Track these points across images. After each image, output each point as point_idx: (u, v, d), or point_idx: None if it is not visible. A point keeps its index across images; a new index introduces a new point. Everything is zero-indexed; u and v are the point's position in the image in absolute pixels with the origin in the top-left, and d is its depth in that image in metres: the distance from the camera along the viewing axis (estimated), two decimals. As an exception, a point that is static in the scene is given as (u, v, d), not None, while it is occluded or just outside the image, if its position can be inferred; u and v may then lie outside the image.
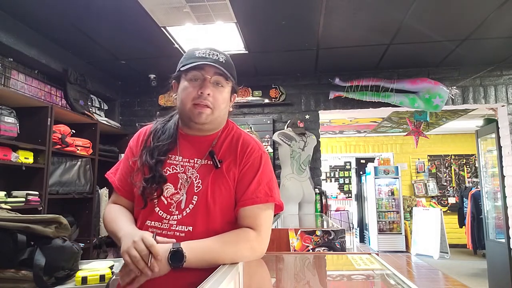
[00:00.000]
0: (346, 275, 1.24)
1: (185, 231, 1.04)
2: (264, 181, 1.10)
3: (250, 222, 1.07)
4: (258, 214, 1.07)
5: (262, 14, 2.84)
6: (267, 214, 1.09)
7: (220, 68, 1.11)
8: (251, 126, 4.07)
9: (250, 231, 1.06)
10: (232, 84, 1.17)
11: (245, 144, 1.13)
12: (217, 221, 1.06)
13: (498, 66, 3.96)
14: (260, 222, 1.07)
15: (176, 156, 1.12)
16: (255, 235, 1.06)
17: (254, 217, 1.07)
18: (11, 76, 3.05)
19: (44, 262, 1.36)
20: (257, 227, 1.07)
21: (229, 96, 1.17)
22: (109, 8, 2.70)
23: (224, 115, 1.17)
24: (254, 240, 1.05)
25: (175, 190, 1.08)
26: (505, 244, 4.03)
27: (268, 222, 1.10)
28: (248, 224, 1.07)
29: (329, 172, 10.53)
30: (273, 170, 1.16)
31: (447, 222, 7.52)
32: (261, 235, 1.07)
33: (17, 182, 2.79)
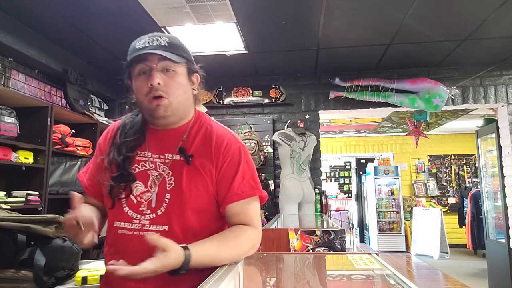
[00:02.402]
0: (346, 275, 1.24)
1: (160, 230, 0.97)
2: (248, 174, 1.06)
3: (241, 218, 1.04)
4: (247, 209, 1.04)
5: (262, 14, 2.85)
6: (255, 207, 1.07)
7: (163, 53, 1.00)
8: (251, 126, 4.07)
9: (248, 228, 1.04)
10: (186, 65, 1.07)
11: (220, 138, 1.06)
12: (194, 219, 1.00)
13: (498, 66, 3.96)
14: (252, 217, 1.05)
15: (145, 152, 1.05)
16: (255, 232, 1.05)
17: (244, 213, 1.04)
18: (11, 76, 3.05)
19: (44, 262, 1.36)
20: (251, 222, 1.05)
21: (186, 80, 1.07)
22: (109, 8, 2.70)
23: (187, 101, 1.07)
24: (255, 238, 1.05)
25: (145, 188, 1.01)
26: (505, 244, 4.03)
27: (258, 215, 1.09)
28: (240, 221, 1.04)
29: (329, 172, 10.53)
30: (252, 161, 1.12)
31: (447, 222, 7.52)
32: (258, 230, 1.07)
33: (17, 182, 2.79)
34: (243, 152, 1.07)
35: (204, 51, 3.50)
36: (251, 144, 3.80)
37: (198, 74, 1.14)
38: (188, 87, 1.08)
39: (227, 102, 4.28)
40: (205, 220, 1.03)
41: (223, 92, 4.30)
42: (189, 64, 1.09)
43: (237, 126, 4.15)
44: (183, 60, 1.05)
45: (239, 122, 4.17)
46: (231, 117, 4.28)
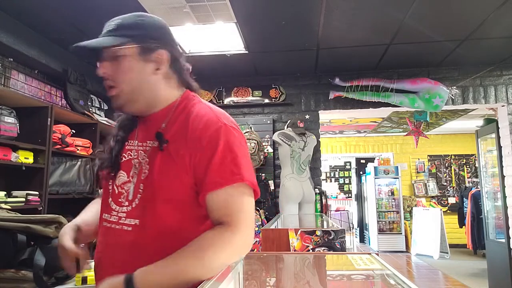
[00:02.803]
0: (346, 275, 1.24)
1: (132, 224, 0.89)
2: (228, 157, 0.87)
3: (221, 215, 0.86)
4: (229, 202, 0.86)
5: (262, 14, 2.85)
6: (242, 200, 0.88)
7: (100, 41, 0.94)
8: (251, 126, 4.07)
9: (222, 231, 0.85)
10: (137, 44, 0.94)
11: (198, 119, 0.91)
12: (169, 214, 0.88)
13: (498, 66, 3.96)
14: (232, 212, 0.86)
15: (133, 141, 0.99)
16: (230, 233, 0.84)
17: (224, 206, 0.86)
18: (11, 76, 3.04)
19: (44, 262, 1.36)
20: (230, 219, 0.86)
21: (138, 61, 0.94)
22: (109, 8, 2.70)
23: (145, 84, 0.94)
24: (234, 241, 0.84)
25: (127, 178, 0.94)
26: (505, 244, 4.03)
27: (245, 209, 0.88)
28: (220, 218, 0.87)
29: (329, 172, 10.53)
30: (244, 145, 0.93)
31: (447, 222, 7.52)
32: (239, 229, 0.85)
33: (17, 182, 2.79)
34: (224, 132, 0.89)
35: (204, 51, 3.51)
36: (251, 144, 3.80)
37: (166, 50, 0.96)
38: (143, 69, 0.94)
39: (227, 102, 4.28)
40: (186, 218, 0.88)
41: (223, 92, 4.30)
42: (143, 42, 0.95)
43: (237, 126, 4.15)
44: (126, 39, 0.93)
45: (239, 122, 4.16)
46: (233, 116, 4.27)
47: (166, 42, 0.98)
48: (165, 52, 0.96)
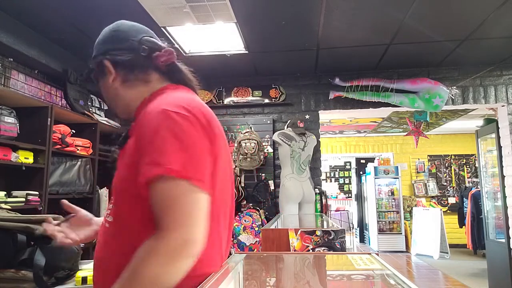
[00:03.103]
0: (346, 275, 1.24)
1: (110, 221, 0.88)
2: (155, 144, 0.77)
3: (156, 215, 0.76)
4: (156, 199, 0.75)
5: (262, 14, 2.85)
6: (166, 194, 0.74)
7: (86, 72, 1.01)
8: (251, 126, 4.07)
9: (151, 238, 0.73)
10: (93, 67, 1.00)
11: (149, 108, 0.86)
12: (129, 213, 0.83)
13: (498, 66, 3.96)
14: (158, 213, 0.74)
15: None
16: (154, 241, 0.72)
17: (154, 204, 0.76)
18: (11, 76, 3.05)
19: (44, 262, 1.36)
20: (158, 222, 0.74)
21: (101, 80, 0.99)
22: (109, 8, 2.70)
23: (114, 95, 0.98)
24: (157, 252, 0.71)
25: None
26: (505, 244, 4.03)
27: (174, 205, 0.74)
28: (155, 219, 0.76)
29: (329, 172, 10.53)
30: (186, 131, 0.79)
31: (447, 222, 7.53)
32: (166, 234, 0.72)
33: (17, 182, 2.79)
34: (163, 117, 0.79)
35: (204, 51, 3.51)
36: (251, 144, 3.81)
37: (106, 59, 0.97)
38: (105, 84, 0.99)
39: (227, 102, 4.28)
40: (146, 215, 0.79)
41: (223, 92, 4.30)
42: (93, 62, 0.99)
43: (237, 126, 4.15)
44: (95, 59, 0.99)
45: (239, 122, 4.17)
46: (231, 117, 4.28)
47: (106, 51, 0.98)
48: (107, 61, 0.97)
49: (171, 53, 0.99)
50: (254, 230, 3.67)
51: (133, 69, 0.96)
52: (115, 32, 1.00)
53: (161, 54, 0.97)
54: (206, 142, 0.81)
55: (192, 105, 0.84)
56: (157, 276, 0.70)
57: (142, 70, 0.97)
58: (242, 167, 3.83)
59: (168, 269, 0.71)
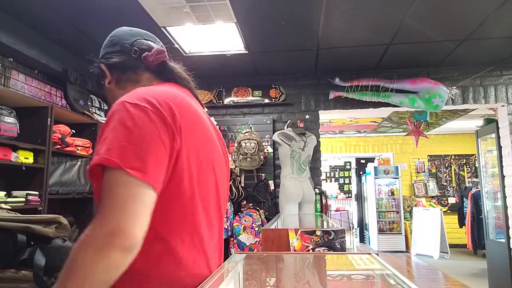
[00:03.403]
0: (346, 275, 1.24)
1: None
2: (104, 135, 0.77)
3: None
4: (102, 189, 0.74)
5: (262, 14, 2.85)
6: (107, 184, 0.73)
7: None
8: (251, 126, 4.07)
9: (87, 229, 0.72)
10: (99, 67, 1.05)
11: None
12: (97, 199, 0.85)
13: (498, 66, 3.96)
14: (101, 201, 0.73)
15: None
16: (87, 230, 0.71)
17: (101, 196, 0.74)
18: (11, 76, 3.05)
19: (44, 262, 1.36)
20: (99, 206, 0.74)
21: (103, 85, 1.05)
22: (109, 8, 2.70)
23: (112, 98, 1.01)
24: (87, 242, 0.70)
25: None
26: (505, 244, 4.03)
27: (111, 194, 0.72)
28: None
29: (329, 172, 10.53)
30: (137, 120, 0.77)
31: (447, 222, 7.53)
32: (98, 221, 0.71)
33: (17, 182, 2.79)
34: (118, 108, 0.80)
35: (204, 51, 3.51)
36: (251, 144, 3.81)
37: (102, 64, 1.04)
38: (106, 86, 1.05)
39: (227, 102, 4.28)
40: None
41: (223, 92, 4.30)
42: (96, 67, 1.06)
43: (237, 126, 4.15)
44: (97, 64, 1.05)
45: (239, 122, 4.17)
46: (231, 117, 4.28)
47: (102, 56, 1.06)
48: (102, 65, 1.04)
49: (161, 53, 1.01)
50: (254, 230, 3.67)
51: (125, 70, 1.01)
52: (111, 37, 1.07)
53: (150, 54, 1.00)
54: (162, 134, 0.79)
55: (158, 97, 0.83)
56: (89, 265, 0.68)
57: (133, 70, 1.01)
58: (242, 167, 3.83)
59: (97, 258, 0.68)
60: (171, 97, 0.86)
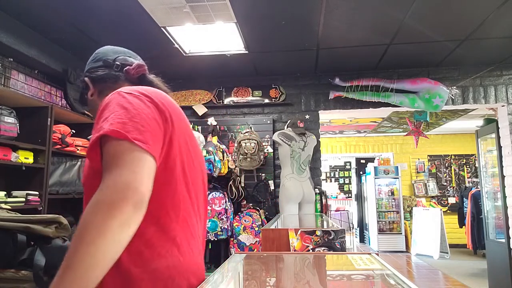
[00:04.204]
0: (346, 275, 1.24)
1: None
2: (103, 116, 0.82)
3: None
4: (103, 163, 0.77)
5: (262, 14, 2.85)
6: (109, 152, 0.76)
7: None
8: (251, 126, 4.07)
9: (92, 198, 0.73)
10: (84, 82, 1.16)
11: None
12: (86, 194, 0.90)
13: (498, 66, 3.96)
14: (104, 170, 0.75)
15: None
16: (96, 194, 0.72)
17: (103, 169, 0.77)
18: (11, 76, 3.05)
19: (44, 262, 1.36)
20: (104, 173, 0.75)
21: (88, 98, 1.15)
22: (109, 8, 2.70)
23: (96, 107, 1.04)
24: (98, 202, 0.70)
25: None
26: (505, 244, 4.03)
27: (114, 159, 0.75)
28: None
29: (329, 172, 10.53)
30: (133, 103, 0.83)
31: (447, 222, 7.53)
32: (108, 179, 0.73)
33: (17, 182, 2.80)
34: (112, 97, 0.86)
35: (204, 51, 3.51)
36: (251, 144, 3.81)
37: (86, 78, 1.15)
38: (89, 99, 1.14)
39: (227, 102, 4.28)
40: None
41: (223, 92, 4.30)
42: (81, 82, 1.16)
43: (237, 126, 4.15)
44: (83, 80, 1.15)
45: (239, 122, 4.17)
46: (231, 117, 4.28)
47: (87, 70, 1.16)
48: (86, 79, 1.14)
49: (141, 66, 1.13)
50: (254, 230, 3.67)
51: (106, 82, 1.11)
52: (96, 54, 1.18)
53: (132, 68, 1.11)
54: (156, 116, 0.84)
55: (148, 91, 0.91)
56: (102, 221, 0.67)
57: (112, 81, 1.11)
58: (242, 167, 3.83)
59: (111, 214, 0.68)
60: (158, 93, 0.94)
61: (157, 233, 0.84)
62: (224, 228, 3.58)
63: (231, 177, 3.84)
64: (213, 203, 3.62)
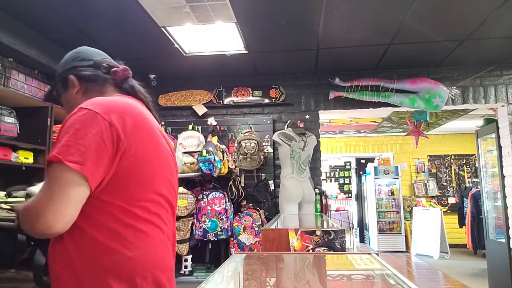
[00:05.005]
0: (346, 275, 1.24)
1: None
2: (59, 137, 0.95)
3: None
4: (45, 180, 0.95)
5: (262, 14, 2.85)
6: (51, 177, 0.91)
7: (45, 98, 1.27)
8: (251, 126, 4.07)
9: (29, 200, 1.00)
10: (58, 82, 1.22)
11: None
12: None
13: (498, 66, 3.96)
14: (42, 189, 0.94)
15: None
16: (31, 200, 0.96)
17: None
18: (11, 76, 3.05)
19: (44, 262, 1.36)
20: (41, 188, 0.94)
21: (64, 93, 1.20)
22: (109, 8, 2.70)
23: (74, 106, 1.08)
24: (28, 205, 0.95)
25: None
26: (505, 244, 4.03)
27: (50, 185, 0.91)
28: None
29: (329, 172, 10.53)
30: (84, 123, 0.94)
31: (447, 222, 7.53)
32: (35, 200, 0.93)
33: (17, 182, 2.79)
34: (71, 114, 0.97)
35: (204, 51, 3.51)
36: (251, 144, 3.80)
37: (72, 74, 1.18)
38: (69, 97, 1.18)
39: (227, 102, 4.28)
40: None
41: (223, 92, 4.30)
42: (59, 79, 1.20)
43: (237, 126, 4.15)
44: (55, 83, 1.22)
45: (239, 122, 4.17)
46: (231, 117, 4.28)
47: (73, 66, 1.19)
48: (71, 76, 1.18)
49: (127, 70, 1.20)
50: (254, 230, 3.67)
51: (94, 81, 1.16)
52: (78, 53, 1.24)
53: (118, 70, 1.18)
54: (105, 135, 0.94)
55: (110, 105, 1.01)
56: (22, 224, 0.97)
57: (101, 83, 1.16)
58: (242, 167, 3.83)
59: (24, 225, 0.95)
60: (123, 105, 1.04)
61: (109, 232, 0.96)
62: (224, 228, 3.58)
63: (231, 177, 3.84)
64: (213, 203, 3.62)
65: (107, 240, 0.94)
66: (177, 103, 4.28)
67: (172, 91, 4.32)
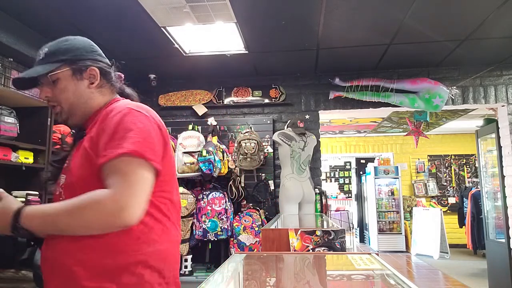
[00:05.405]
0: (346, 275, 1.24)
1: None
2: (120, 133, 0.97)
3: (107, 184, 0.94)
4: (112, 172, 0.94)
5: (262, 14, 2.85)
6: (126, 169, 0.93)
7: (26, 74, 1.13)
8: (251, 126, 4.07)
9: (98, 192, 0.93)
10: (69, 67, 1.12)
11: (110, 110, 1.06)
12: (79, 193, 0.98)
13: (498, 66, 3.96)
14: (114, 180, 0.93)
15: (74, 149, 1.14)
16: (107, 192, 0.92)
17: (109, 176, 0.94)
18: (11, 76, 3.05)
19: (44, 262, 1.36)
20: (112, 185, 0.93)
21: (72, 81, 1.12)
22: (109, 8, 2.70)
23: (80, 99, 1.12)
24: (104, 198, 0.91)
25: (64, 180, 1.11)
26: (505, 244, 4.03)
27: (129, 177, 0.93)
28: (107, 187, 0.94)
29: (329, 172, 10.53)
30: (146, 122, 1.01)
31: (447, 222, 7.53)
32: (113, 193, 0.91)
33: (17, 182, 2.79)
34: (125, 113, 1.01)
35: (204, 51, 3.51)
36: (251, 144, 3.80)
37: (96, 66, 1.15)
38: (78, 87, 1.12)
39: (227, 102, 4.28)
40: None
41: (223, 92, 4.30)
42: (75, 64, 1.13)
43: (237, 126, 4.15)
44: (58, 64, 1.12)
45: (239, 122, 4.17)
46: (231, 117, 4.28)
47: (95, 59, 1.17)
48: (96, 68, 1.15)
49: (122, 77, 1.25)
50: (254, 230, 3.67)
51: (109, 81, 1.17)
52: (94, 47, 1.24)
53: (121, 76, 1.24)
54: (159, 134, 1.04)
55: (151, 110, 1.09)
56: (89, 221, 0.92)
57: (111, 83, 1.18)
58: (242, 167, 3.82)
59: (94, 219, 0.92)
60: (153, 111, 1.10)
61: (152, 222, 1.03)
62: (224, 228, 3.58)
63: (231, 177, 3.84)
64: (213, 203, 3.62)
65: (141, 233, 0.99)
66: (177, 103, 4.28)
67: (172, 91, 4.32)
